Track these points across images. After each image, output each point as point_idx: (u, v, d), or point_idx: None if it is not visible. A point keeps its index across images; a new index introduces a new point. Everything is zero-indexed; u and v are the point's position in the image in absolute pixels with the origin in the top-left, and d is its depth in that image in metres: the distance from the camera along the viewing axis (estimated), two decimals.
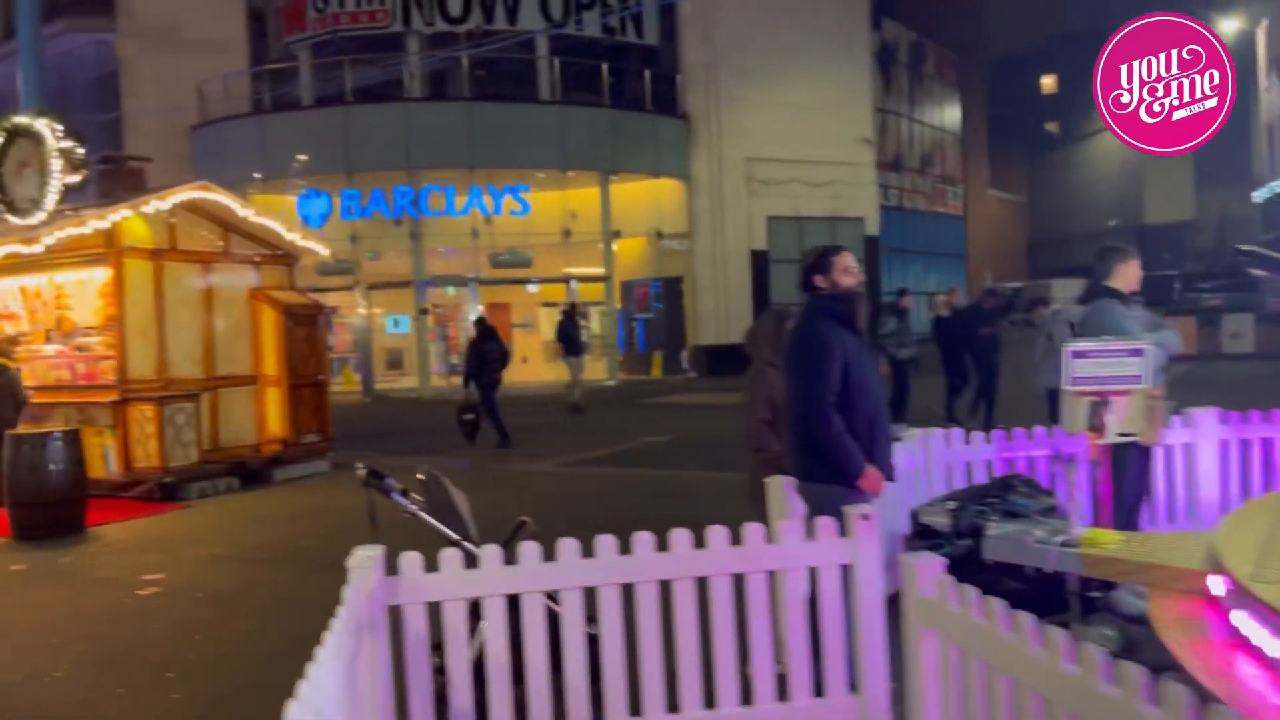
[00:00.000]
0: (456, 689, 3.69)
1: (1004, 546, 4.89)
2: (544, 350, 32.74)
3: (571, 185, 25.70)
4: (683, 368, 27.33)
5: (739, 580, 3.85)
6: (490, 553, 3.74)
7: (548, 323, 32.70)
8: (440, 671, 3.74)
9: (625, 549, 3.80)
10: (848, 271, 4.32)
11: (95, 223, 10.83)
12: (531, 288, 28.53)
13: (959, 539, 5.18)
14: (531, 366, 30.62)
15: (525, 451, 13.65)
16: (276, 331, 12.27)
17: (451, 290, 27.66)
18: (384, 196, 24.12)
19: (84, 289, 11.81)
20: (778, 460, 5.20)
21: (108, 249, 11.04)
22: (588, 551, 3.77)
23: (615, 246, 26.56)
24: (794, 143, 27.33)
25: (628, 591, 3.78)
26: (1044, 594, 4.85)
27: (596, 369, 26.07)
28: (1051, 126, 67.19)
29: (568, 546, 3.76)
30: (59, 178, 11.36)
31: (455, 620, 3.70)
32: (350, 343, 27.48)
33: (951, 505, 5.29)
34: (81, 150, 11.55)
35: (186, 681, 5.13)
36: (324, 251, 13.93)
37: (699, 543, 3.84)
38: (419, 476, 4.49)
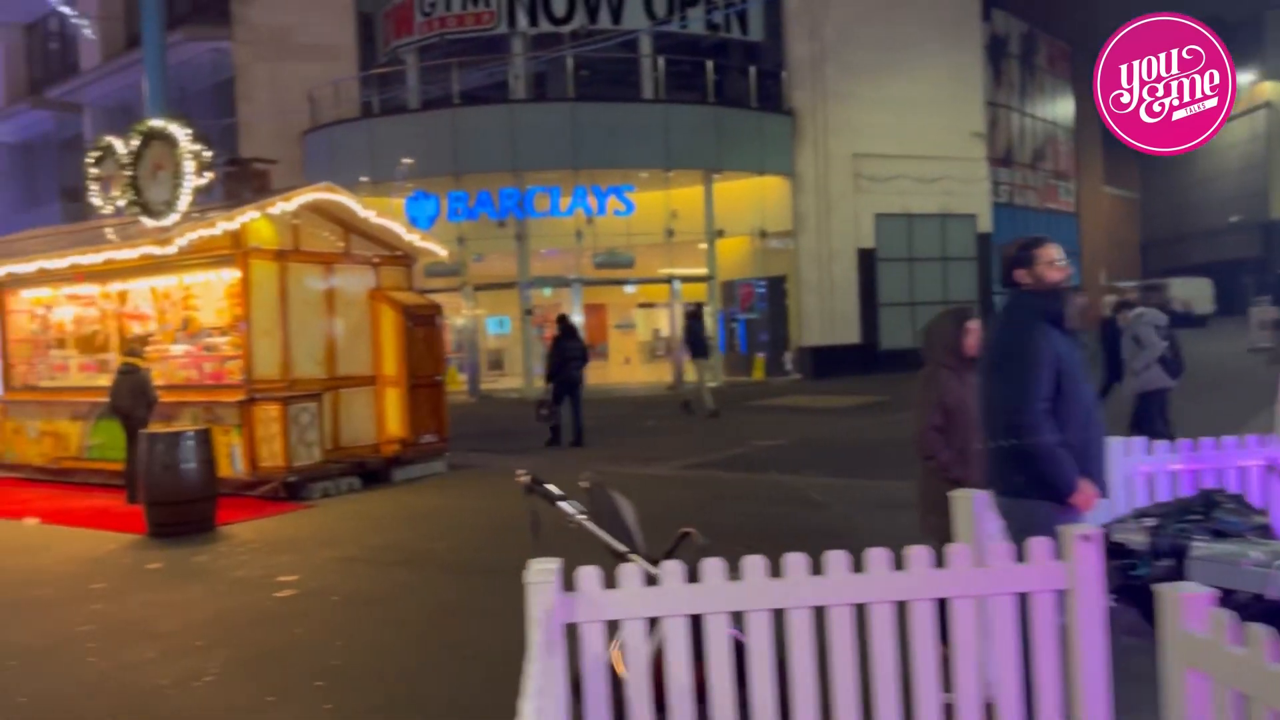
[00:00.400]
0: (637, 712, 3.44)
1: (1214, 569, 4.42)
2: (641, 350, 32.62)
3: (674, 185, 25.44)
4: (786, 369, 26.80)
5: (940, 603, 3.52)
6: (671, 569, 3.50)
7: (644, 324, 32.60)
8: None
9: (815, 568, 3.50)
10: (1054, 264, 3.93)
11: (224, 224, 10.97)
12: (629, 289, 28.33)
13: (1158, 559, 4.72)
14: (631, 367, 30.49)
15: (640, 454, 13.43)
16: (396, 332, 12.29)
17: (548, 291, 27.68)
18: (490, 198, 24.23)
19: (210, 290, 12.02)
20: (946, 469, 4.88)
21: (234, 250, 11.17)
22: (765, 568, 3.48)
23: (718, 246, 26.22)
24: (903, 138, 26.55)
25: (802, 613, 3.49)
26: (1258, 622, 4.38)
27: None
28: None
29: (754, 564, 3.49)
30: (191, 180, 11.56)
31: (636, 640, 3.46)
32: (454, 343, 27.73)
33: (1149, 522, 4.82)
34: (209, 153, 11.74)
35: (337, 691, 5.00)
36: (442, 252, 13.92)
37: (898, 563, 3.51)
38: (582, 484, 4.30)
